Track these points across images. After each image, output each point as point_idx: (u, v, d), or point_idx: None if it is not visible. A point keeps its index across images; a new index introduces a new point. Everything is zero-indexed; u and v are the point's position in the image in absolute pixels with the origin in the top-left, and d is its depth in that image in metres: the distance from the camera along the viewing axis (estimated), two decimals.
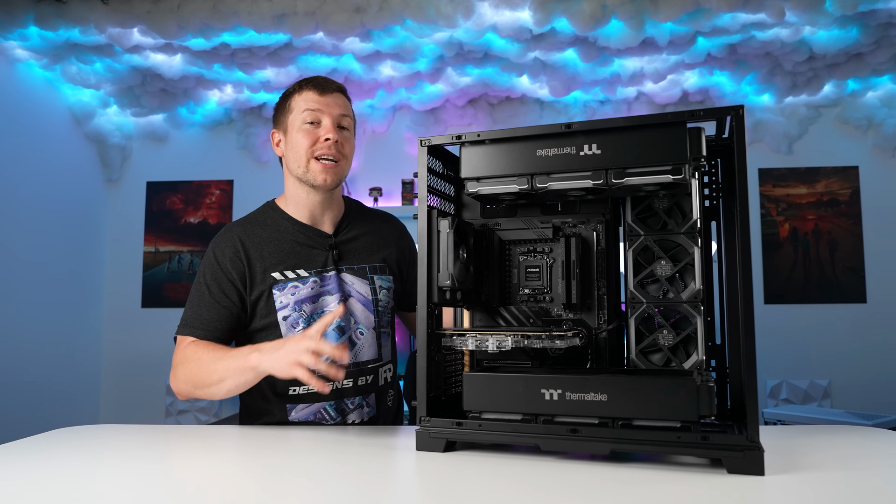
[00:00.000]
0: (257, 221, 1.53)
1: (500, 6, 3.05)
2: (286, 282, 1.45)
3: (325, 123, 1.46)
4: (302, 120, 1.46)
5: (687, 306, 1.08)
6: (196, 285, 1.47)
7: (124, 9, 3.10)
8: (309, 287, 1.46)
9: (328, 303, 1.47)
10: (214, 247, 1.49)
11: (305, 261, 1.48)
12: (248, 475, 0.97)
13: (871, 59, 3.54)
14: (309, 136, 1.46)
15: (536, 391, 1.01)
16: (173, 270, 4.33)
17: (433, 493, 0.88)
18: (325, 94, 1.48)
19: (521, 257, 1.23)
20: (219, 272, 1.45)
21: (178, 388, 1.39)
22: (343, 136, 1.48)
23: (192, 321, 1.43)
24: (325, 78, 1.52)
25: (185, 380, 1.36)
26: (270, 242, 1.49)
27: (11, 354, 3.49)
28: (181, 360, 1.38)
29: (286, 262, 1.47)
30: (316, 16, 3.12)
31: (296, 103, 1.48)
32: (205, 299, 1.44)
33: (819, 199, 4.10)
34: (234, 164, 4.38)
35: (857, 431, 1.22)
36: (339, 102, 1.49)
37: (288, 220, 1.52)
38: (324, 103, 1.47)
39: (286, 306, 1.44)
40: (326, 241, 1.51)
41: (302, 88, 1.49)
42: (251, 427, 1.39)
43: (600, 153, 1.02)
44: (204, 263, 1.49)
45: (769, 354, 3.96)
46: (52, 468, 1.00)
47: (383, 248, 1.58)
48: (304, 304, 1.45)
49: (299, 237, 1.50)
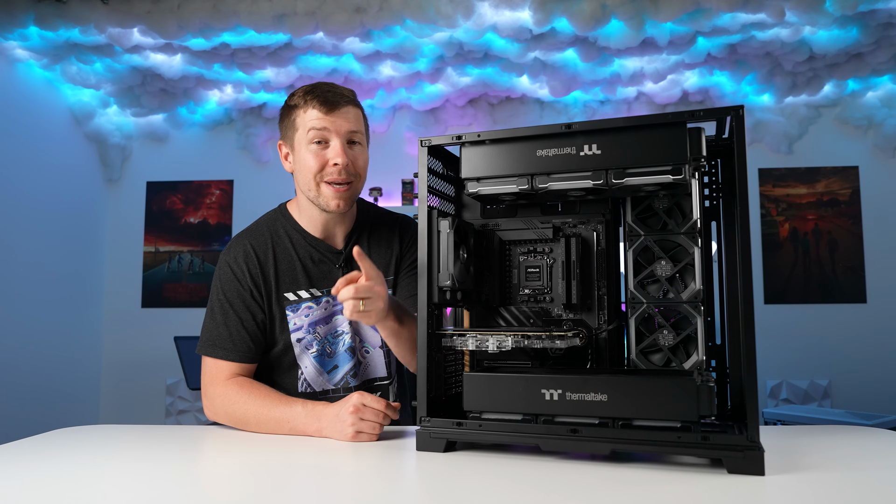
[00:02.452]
0: (269, 231, 1.45)
1: (500, 6, 3.05)
2: (300, 302, 1.41)
3: (335, 145, 1.35)
4: (308, 140, 1.35)
5: (687, 306, 1.08)
6: (217, 303, 1.39)
7: (124, 9, 3.10)
8: (322, 308, 1.41)
9: (341, 322, 1.43)
10: (228, 259, 1.41)
11: (318, 279, 1.43)
12: (249, 476, 0.97)
13: (871, 59, 3.54)
14: (317, 158, 1.35)
15: (537, 391, 1.01)
16: (173, 270, 4.33)
17: (433, 493, 0.88)
18: (331, 111, 1.35)
19: (522, 257, 1.23)
20: (238, 287, 1.39)
21: (214, 416, 1.34)
22: (354, 154, 1.38)
23: (222, 342, 1.37)
24: (332, 89, 1.38)
25: (226, 416, 1.33)
26: (283, 259, 1.42)
27: (11, 354, 3.49)
28: (222, 395, 1.33)
29: (299, 282, 1.41)
30: (316, 16, 3.12)
31: (301, 121, 1.37)
32: (230, 318, 1.37)
33: (819, 199, 4.10)
34: (234, 164, 4.38)
35: (857, 431, 1.22)
36: (347, 118, 1.37)
37: (300, 232, 1.44)
38: (330, 122, 1.35)
39: (300, 328, 1.40)
40: (337, 258, 1.44)
41: (307, 104, 1.36)
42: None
43: (600, 153, 1.02)
44: (221, 279, 1.41)
45: (769, 354, 3.96)
46: (52, 468, 1.00)
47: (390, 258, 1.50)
48: (318, 325, 1.41)
49: (312, 253, 1.43)
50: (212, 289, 1.43)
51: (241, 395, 1.31)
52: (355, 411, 1.17)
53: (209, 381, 1.38)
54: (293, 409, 1.26)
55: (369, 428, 1.17)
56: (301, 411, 1.25)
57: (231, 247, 1.44)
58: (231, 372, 1.37)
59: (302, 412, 1.24)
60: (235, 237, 1.45)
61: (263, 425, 1.28)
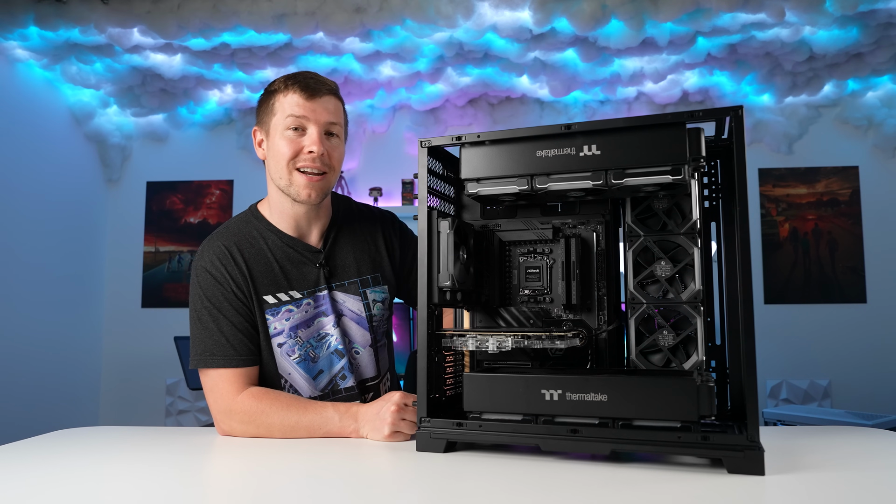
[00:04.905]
0: (241, 233, 1.38)
1: (500, 6, 3.05)
2: (279, 305, 1.35)
3: (311, 133, 1.32)
4: (285, 125, 1.32)
5: (687, 307, 1.08)
6: (203, 311, 1.31)
7: (124, 9, 3.10)
8: (303, 310, 1.36)
9: (324, 324, 1.38)
10: (204, 264, 1.33)
11: (297, 281, 1.37)
12: (249, 476, 0.97)
13: (871, 59, 3.54)
14: (292, 144, 1.31)
15: (537, 392, 1.01)
16: (173, 270, 4.33)
17: (433, 493, 0.88)
18: (312, 98, 1.32)
19: (521, 258, 1.23)
20: (221, 289, 1.32)
21: (233, 433, 1.26)
22: (331, 145, 1.34)
23: (220, 349, 1.29)
24: (314, 77, 1.35)
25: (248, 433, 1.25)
26: (259, 261, 1.35)
27: (11, 354, 3.49)
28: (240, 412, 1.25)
29: (278, 284, 1.35)
30: (316, 16, 3.12)
31: (280, 105, 1.33)
32: (222, 323, 1.30)
33: (819, 199, 4.10)
34: (234, 164, 4.38)
35: (857, 431, 1.23)
36: (328, 107, 1.34)
37: (274, 231, 1.38)
38: (310, 109, 1.31)
39: (280, 332, 1.34)
40: (317, 258, 1.39)
41: (287, 88, 1.33)
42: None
43: (600, 154, 1.02)
44: (201, 286, 1.32)
45: (769, 354, 3.96)
46: (52, 469, 1.00)
47: (373, 254, 1.47)
48: (299, 329, 1.36)
49: (289, 253, 1.38)
50: (192, 301, 1.34)
51: (262, 406, 1.24)
52: (398, 410, 1.16)
53: (218, 398, 1.28)
54: (325, 414, 1.22)
55: (408, 428, 1.17)
56: (334, 415, 1.21)
57: (203, 251, 1.36)
58: (237, 380, 1.29)
59: (335, 416, 1.21)
60: (205, 241, 1.38)
61: (292, 433, 1.23)
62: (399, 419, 1.16)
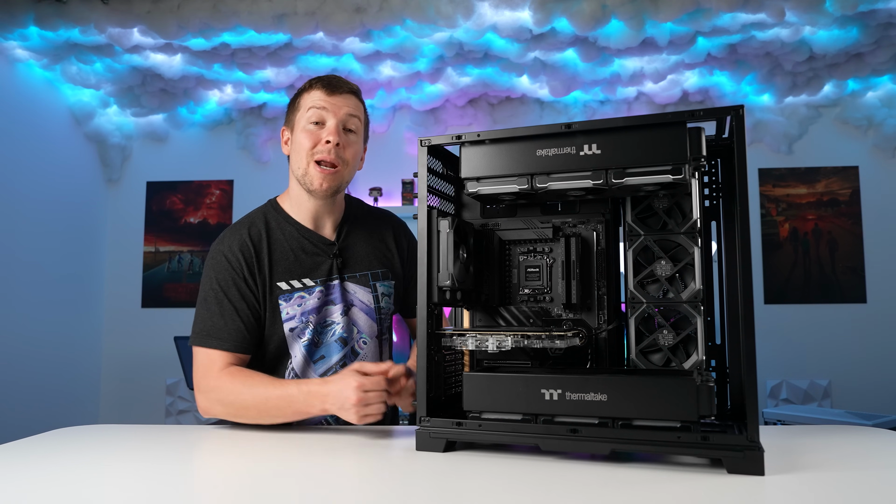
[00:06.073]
0: (261, 222, 1.46)
1: (500, 6, 3.05)
2: (292, 292, 1.41)
3: (329, 125, 1.40)
4: (307, 119, 1.41)
5: (687, 306, 1.08)
6: (210, 292, 1.39)
7: (124, 9, 3.10)
8: (315, 298, 1.42)
9: (332, 312, 1.44)
10: (222, 249, 1.41)
11: (311, 269, 1.44)
12: (248, 476, 0.97)
13: (871, 59, 3.54)
14: (311, 137, 1.40)
15: (536, 391, 1.01)
16: (173, 270, 4.33)
17: (433, 493, 0.88)
18: (333, 94, 1.41)
19: (521, 257, 1.23)
20: (234, 274, 1.39)
21: (209, 411, 1.33)
22: (347, 140, 1.42)
23: (216, 331, 1.36)
24: (338, 77, 1.45)
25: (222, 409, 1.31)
26: (277, 249, 1.43)
27: (11, 354, 3.49)
28: (216, 387, 1.32)
29: (292, 272, 1.42)
30: (316, 16, 3.12)
31: (304, 101, 1.43)
32: (225, 307, 1.37)
33: (819, 199, 4.10)
34: (234, 164, 4.38)
35: (857, 431, 1.22)
36: (348, 103, 1.43)
37: (292, 223, 1.47)
38: (330, 103, 1.40)
39: (293, 318, 1.41)
40: (330, 249, 1.46)
41: (312, 87, 1.43)
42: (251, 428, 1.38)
43: (600, 153, 1.02)
44: (215, 268, 1.40)
45: (769, 354, 3.96)
46: (52, 468, 1.00)
47: (384, 251, 1.54)
48: (310, 314, 1.42)
49: (304, 244, 1.45)
50: (203, 280, 1.42)
51: (235, 384, 1.30)
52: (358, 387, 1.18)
53: (202, 375, 1.36)
54: (288, 391, 1.26)
55: (376, 400, 1.19)
56: (297, 394, 1.25)
57: (225, 236, 1.44)
58: (224, 363, 1.35)
59: (298, 394, 1.25)
60: (229, 228, 1.46)
61: (265, 413, 1.27)
62: (363, 403, 1.18)
